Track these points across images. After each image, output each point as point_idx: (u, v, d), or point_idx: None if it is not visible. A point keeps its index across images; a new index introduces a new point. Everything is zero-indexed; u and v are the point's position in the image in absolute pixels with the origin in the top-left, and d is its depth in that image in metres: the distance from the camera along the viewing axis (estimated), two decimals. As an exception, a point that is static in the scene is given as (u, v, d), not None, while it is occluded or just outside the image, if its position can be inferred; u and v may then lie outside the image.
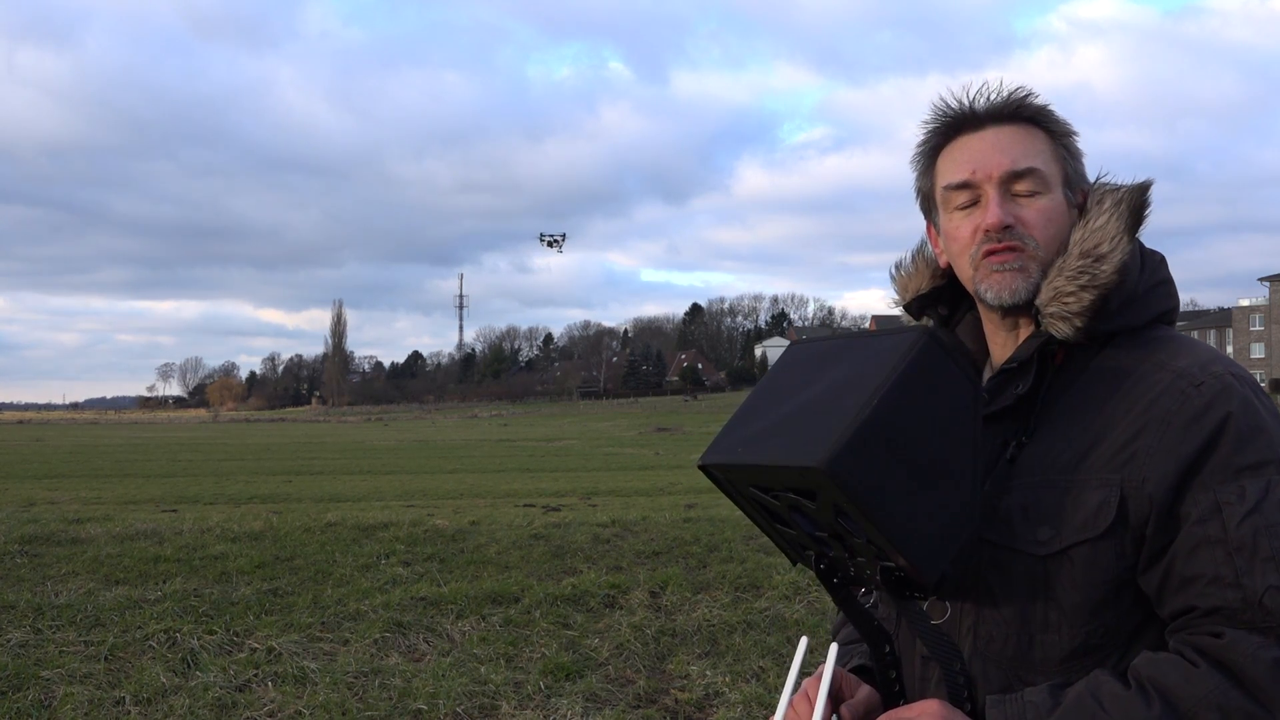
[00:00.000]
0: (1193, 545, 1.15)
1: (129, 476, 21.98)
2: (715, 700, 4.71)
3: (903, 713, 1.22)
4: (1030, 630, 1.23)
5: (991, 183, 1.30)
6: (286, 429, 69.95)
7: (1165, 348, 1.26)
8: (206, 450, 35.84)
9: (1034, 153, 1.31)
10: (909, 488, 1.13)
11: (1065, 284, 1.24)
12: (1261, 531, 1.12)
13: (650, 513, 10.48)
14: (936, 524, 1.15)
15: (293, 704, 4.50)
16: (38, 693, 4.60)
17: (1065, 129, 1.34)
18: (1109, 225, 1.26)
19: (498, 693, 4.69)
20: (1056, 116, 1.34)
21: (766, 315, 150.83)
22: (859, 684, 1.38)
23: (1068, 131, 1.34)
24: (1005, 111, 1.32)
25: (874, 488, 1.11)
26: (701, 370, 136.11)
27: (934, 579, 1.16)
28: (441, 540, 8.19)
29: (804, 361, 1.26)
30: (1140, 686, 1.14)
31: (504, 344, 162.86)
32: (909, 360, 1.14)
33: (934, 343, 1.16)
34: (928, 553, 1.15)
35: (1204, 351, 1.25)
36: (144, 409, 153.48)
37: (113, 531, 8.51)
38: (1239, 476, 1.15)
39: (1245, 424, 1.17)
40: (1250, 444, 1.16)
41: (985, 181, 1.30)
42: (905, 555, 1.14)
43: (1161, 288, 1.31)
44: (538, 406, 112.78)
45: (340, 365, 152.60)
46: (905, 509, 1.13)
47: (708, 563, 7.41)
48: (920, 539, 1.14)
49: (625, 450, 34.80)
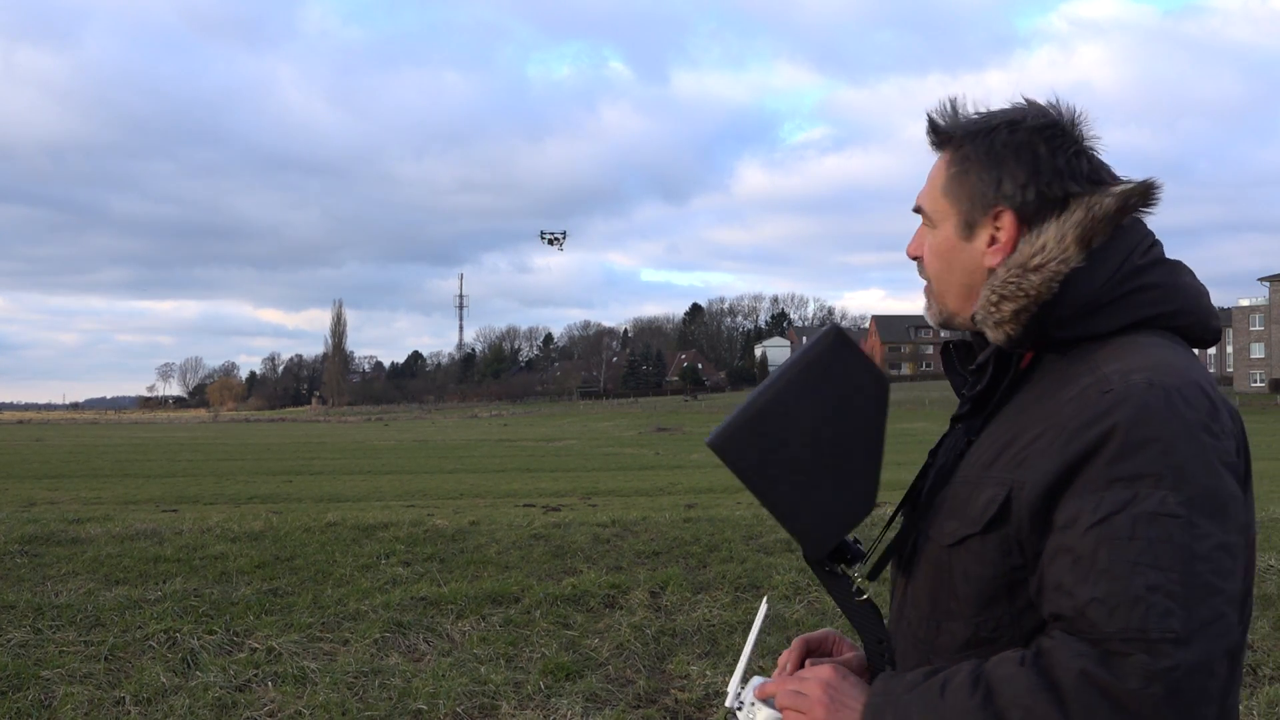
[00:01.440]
0: (1053, 552, 1.17)
1: (129, 476, 21.99)
2: (715, 700, 4.71)
3: (802, 673, 1.34)
4: (938, 616, 1.30)
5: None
6: (286, 429, 69.95)
7: (1116, 352, 1.23)
8: (206, 450, 35.84)
9: (929, 188, 1.40)
10: (800, 468, 1.27)
11: (989, 295, 1.30)
12: (1104, 542, 1.11)
13: (650, 513, 10.48)
14: (828, 503, 1.28)
15: (293, 704, 4.50)
16: (38, 693, 4.60)
17: (981, 145, 1.34)
18: (1048, 237, 1.28)
19: (498, 693, 4.69)
20: (965, 132, 1.35)
21: (766, 315, 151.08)
22: (850, 647, 1.50)
23: (978, 147, 1.34)
24: (931, 141, 1.41)
25: (757, 465, 1.28)
26: (701, 370, 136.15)
27: (818, 554, 1.30)
28: (441, 540, 8.18)
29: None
30: (977, 678, 1.16)
31: (504, 344, 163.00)
32: (810, 356, 1.29)
33: (839, 340, 1.29)
34: (813, 528, 1.28)
35: (1146, 358, 1.21)
36: (144, 409, 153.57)
37: (113, 531, 8.50)
38: (1110, 487, 1.13)
39: (1133, 435, 1.13)
40: (1131, 456, 1.13)
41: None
42: (789, 529, 1.29)
43: (1140, 294, 1.27)
44: (538, 406, 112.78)
45: (340, 365, 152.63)
46: (792, 487, 1.28)
47: (708, 563, 7.41)
48: (807, 515, 1.28)
49: (625, 450, 34.80)
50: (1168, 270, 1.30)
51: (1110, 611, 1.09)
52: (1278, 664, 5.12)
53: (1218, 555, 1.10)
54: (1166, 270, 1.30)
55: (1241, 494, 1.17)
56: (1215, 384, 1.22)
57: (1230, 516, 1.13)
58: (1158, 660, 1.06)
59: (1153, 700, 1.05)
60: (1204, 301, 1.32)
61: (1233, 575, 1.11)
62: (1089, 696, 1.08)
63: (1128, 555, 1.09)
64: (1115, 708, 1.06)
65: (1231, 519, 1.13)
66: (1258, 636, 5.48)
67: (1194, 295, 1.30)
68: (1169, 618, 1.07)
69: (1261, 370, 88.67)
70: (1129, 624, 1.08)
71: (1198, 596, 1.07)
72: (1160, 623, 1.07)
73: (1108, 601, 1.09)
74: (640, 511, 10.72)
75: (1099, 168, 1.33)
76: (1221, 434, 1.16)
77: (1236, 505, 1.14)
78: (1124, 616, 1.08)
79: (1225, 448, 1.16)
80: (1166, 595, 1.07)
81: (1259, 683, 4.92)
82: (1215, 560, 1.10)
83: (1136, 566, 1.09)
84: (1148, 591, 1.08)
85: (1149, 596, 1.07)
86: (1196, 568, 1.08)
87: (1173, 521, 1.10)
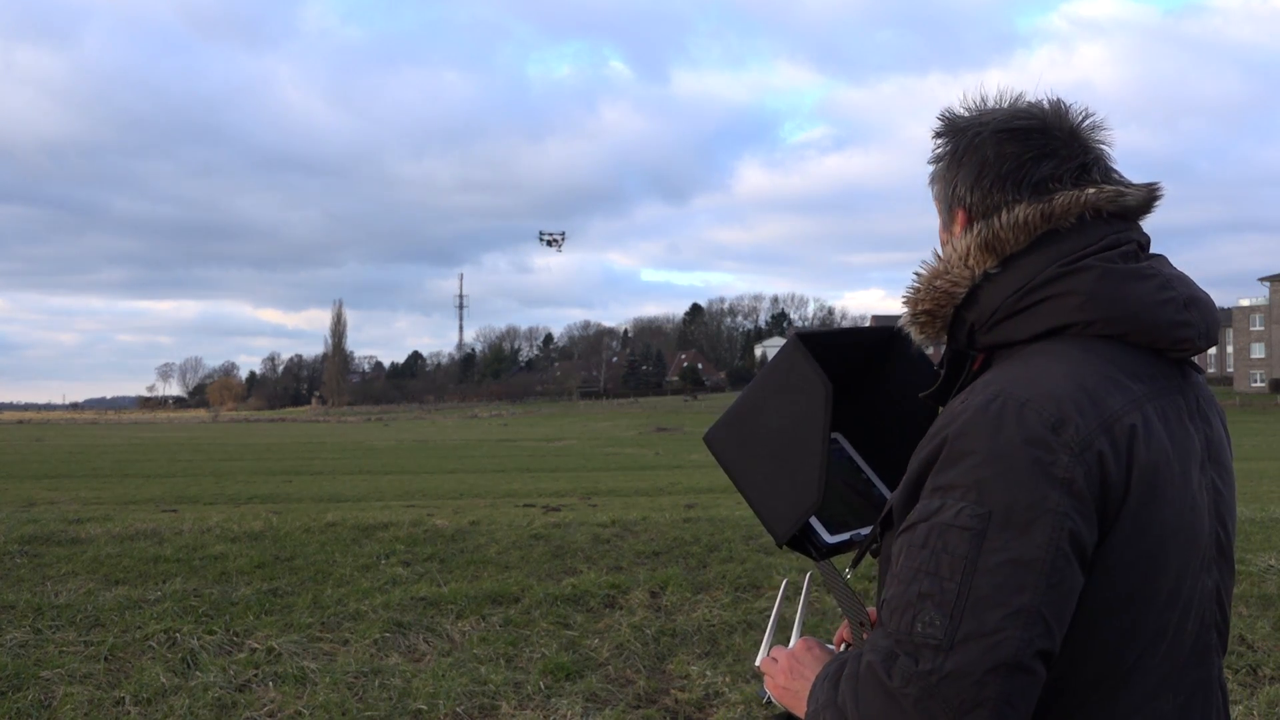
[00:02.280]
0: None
1: (129, 476, 21.99)
2: (715, 700, 4.71)
3: (791, 645, 1.47)
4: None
5: None
6: (286, 429, 69.96)
7: (1010, 361, 1.27)
8: (206, 450, 35.84)
9: (931, 180, 1.42)
10: (766, 463, 1.44)
11: (905, 294, 1.35)
12: (905, 548, 1.18)
13: (650, 513, 10.48)
14: (786, 495, 1.43)
15: (293, 704, 4.50)
16: (38, 693, 4.60)
17: (951, 143, 1.36)
18: (954, 244, 1.31)
19: (498, 693, 4.70)
20: (952, 128, 1.37)
21: (766, 315, 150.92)
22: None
23: (950, 145, 1.36)
24: (932, 130, 1.42)
25: (735, 458, 1.49)
26: (701, 370, 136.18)
27: (780, 540, 1.45)
28: (441, 540, 8.18)
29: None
30: (843, 663, 1.24)
31: (504, 344, 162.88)
32: (774, 362, 1.45)
33: (796, 348, 1.42)
34: (777, 518, 1.44)
35: (1022, 369, 1.22)
36: (144, 409, 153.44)
37: (113, 531, 8.50)
38: (930, 495, 1.19)
39: (954, 446, 1.18)
40: (949, 467, 1.17)
41: None
42: (760, 517, 1.46)
43: (1050, 303, 1.24)
44: (538, 406, 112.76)
45: (340, 365, 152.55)
46: (761, 479, 1.45)
47: (708, 563, 7.41)
48: (772, 505, 1.44)
49: (625, 450, 34.80)
50: (1101, 278, 1.24)
51: (890, 613, 1.16)
52: (1278, 664, 5.11)
53: (1006, 569, 1.11)
54: (1098, 278, 1.24)
55: (1076, 508, 1.14)
56: (1098, 399, 1.18)
57: (1038, 531, 1.12)
58: (917, 664, 1.12)
59: (911, 700, 1.11)
60: (1155, 312, 1.25)
61: (1026, 590, 1.11)
62: (868, 688, 1.16)
63: (914, 562, 1.16)
64: (887, 702, 1.13)
65: (1039, 534, 1.12)
66: (1258, 637, 5.48)
67: (1135, 304, 1.24)
68: (932, 625, 1.12)
69: (1261, 370, 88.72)
70: (899, 627, 1.15)
71: (971, 608, 1.11)
72: (925, 630, 1.12)
73: (890, 603, 1.17)
74: (640, 511, 10.71)
75: (1070, 173, 1.29)
76: (1060, 448, 1.14)
77: (1053, 520, 1.12)
78: (898, 619, 1.15)
79: (1058, 462, 1.14)
80: (935, 604, 1.12)
81: (1259, 683, 4.92)
82: (1002, 574, 1.11)
83: (918, 574, 1.15)
84: (919, 598, 1.14)
85: (919, 603, 1.14)
86: (976, 580, 1.12)
87: (961, 533, 1.13)
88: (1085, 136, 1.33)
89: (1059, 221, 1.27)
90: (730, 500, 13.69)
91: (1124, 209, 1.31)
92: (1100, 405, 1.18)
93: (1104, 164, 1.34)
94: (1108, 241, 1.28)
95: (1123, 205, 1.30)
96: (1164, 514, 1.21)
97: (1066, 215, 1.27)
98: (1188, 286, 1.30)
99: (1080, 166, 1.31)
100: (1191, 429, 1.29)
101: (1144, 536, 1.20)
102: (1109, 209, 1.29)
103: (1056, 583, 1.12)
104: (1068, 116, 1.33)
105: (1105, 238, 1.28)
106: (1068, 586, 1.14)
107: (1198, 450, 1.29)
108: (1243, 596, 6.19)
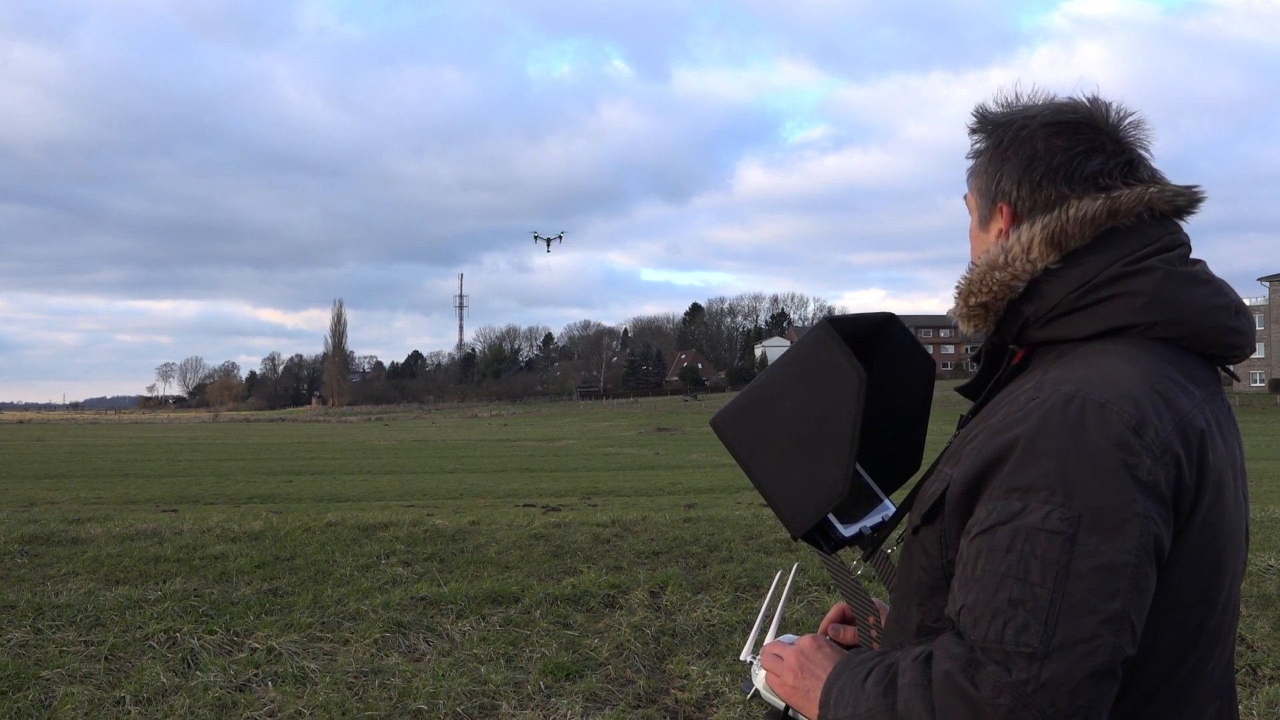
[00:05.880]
0: (959, 553, 1.20)
1: (129, 476, 22.00)
2: (715, 700, 4.72)
3: (795, 638, 1.42)
4: (904, 601, 1.35)
5: None
6: (286, 429, 69.96)
7: (1073, 359, 1.23)
8: (206, 450, 35.84)
9: (970, 175, 1.41)
10: (784, 450, 1.37)
11: (958, 287, 1.35)
12: (984, 551, 1.14)
13: (650, 513, 10.47)
14: (806, 486, 1.36)
15: (293, 704, 4.51)
16: (38, 693, 4.60)
17: (994, 138, 1.35)
18: (1017, 238, 1.28)
19: (498, 693, 4.70)
20: (992, 123, 1.36)
21: (766, 315, 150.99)
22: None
23: (993, 140, 1.35)
24: (969, 126, 1.41)
25: (748, 445, 1.40)
26: (701, 370, 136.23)
27: (796, 532, 1.39)
28: (441, 540, 8.18)
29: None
30: (889, 668, 1.21)
31: (504, 344, 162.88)
32: (799, 347, 1.38)
33: (826, 335, 1.35)
34: (795, 508, 1.37)
35: (1091, 368, 1.19)
36: (144, 409, 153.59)
37: (113, 531, 8.50)
38: (1006, 496, 1.14)
39: (1033, 446, 1.14)
40: (1028, 467, 1.14)
41: None
42: (774, 507, 1.40)
43: (1113, 302, 1.24)
44: (538, 406, 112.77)
45: (340, 365, 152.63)
46: (778, 468, 1.38)
47: (708, 563, 7.40)
48: (789, 495, 1.37)
49: (625, 450, 34.81)
50: (1164, 280, 1.24)
51: (975, 620, 1.12)
52: (1278, 664, 5.12)
53: (1099, 574, 1.09)
54: (1162, 279, 1.24)
55: (1159, 512, 1.13)
56: (1170, 402, 1.18)
57: (1127, 536, 1.10)
58: (1010, 673, 1.08)
59: (1002, 711, 1.07)
60: (1214, 318, 1.25)
61: (1119, 595, 1.09)
62: (949, 698, 1.11)
63: (1000, 567, 1.12)
64: (971, 712, 1.09)
65: (1128, 538, 1.10)
66: (1258, 637, 5.48)
67: (1195, 309, 1.24)
68: (1025, 632, 1.08)
69: (1261, 370, 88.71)
70: (987, 634, 1.10)
71: (1065, 614, 1.08)
72: (1016, 637, 1.08)
73: (974, 610, 1.13)
74: (640, 511, 10.71)
75: (1118, 169, 1.29)
76: (1143, 450, 1.13)
77: (1140, 524, 1.11)
78: (985, 626, 1.11)
79: (1144, 465, 1.12)
80: (1029, 610, 1.09)
81: (1259, 683, 4.93)
82: (1095, 579, 1.09)
83: (1005, 579, 1.11)
84: (1009, 605, 1.10)
85: (1009, 610, 1.10)
86: (1070, 585, 1.08)
87: (1053, 538, 1.10)
88: (1128, 134, 1.32)
89: (1122, 219, 1.26)
90: (730, 500, 13.69)
91: (1176, 209, 1.30)
92: (1173, 408, 1.17)
93: (1147, 163, 1.33)
94: (1165, 242, 1.27)
95: (1176, 206, 1.30)
96: (1224, 518, 1.22)
97: (1130, 213, 1.26)
98: (1235, 294, 1.31)
99: (1127, 163, 1.30)
100: (1230, 434, 1.30)
101: (1211, 540, 1.20)
102: (1163, 209, 1.29)
103: (1143, 587, 1.11)
104: (1110, 113, 1.33)
105: (1162, 238, 1.27)
106: (1149, 591, 1.12)
107: (1237, 455, 1.30)
108: (1242, 596, 6.19)
